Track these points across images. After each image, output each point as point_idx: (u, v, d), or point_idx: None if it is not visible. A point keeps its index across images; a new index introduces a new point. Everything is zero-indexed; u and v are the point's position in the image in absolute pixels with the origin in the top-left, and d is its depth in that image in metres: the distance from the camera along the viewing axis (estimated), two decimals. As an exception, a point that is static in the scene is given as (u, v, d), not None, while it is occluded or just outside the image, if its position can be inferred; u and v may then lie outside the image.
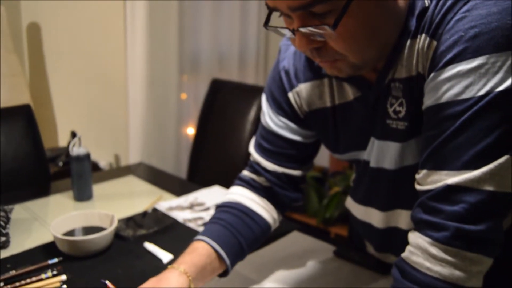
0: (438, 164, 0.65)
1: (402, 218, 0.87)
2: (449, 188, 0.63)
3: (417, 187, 0.70)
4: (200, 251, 0.88)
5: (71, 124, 2.46)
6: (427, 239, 0.66)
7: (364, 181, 0.91)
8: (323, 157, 3.03)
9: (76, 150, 1.42)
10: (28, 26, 2.38)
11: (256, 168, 0.99)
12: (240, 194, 1.00)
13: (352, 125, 0.87)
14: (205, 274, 0.87)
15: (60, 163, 2.30)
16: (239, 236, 0.93)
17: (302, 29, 0.67)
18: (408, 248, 0.69)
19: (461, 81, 0.62)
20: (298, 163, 0.98)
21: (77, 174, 1.42)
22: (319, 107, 0.90)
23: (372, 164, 0.85)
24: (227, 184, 1.58)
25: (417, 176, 0.70)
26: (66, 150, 2.36)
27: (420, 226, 0.68)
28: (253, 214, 0.97)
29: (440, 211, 0.64)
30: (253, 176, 1.01)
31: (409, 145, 0.78)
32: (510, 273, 0.99)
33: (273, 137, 0.96)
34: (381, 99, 0.79)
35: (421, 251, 0.66)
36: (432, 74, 0.66)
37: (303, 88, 0.90)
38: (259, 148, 0.99)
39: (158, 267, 1.07)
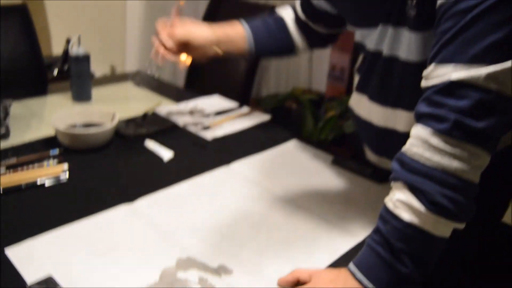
0: (446, 57, 0.65)
1: (401, 119, 0.89)
2: (454, 84, 0.64)
3: (423, 83, 0.70)
4: (233, 25, 1.15)
5: (66, 32, 2.39)
6: (429, 129, 0.66)
7: (375, 75, 0.92)
8: (321, 82, 3.01)
9: (75, 50, 1.39)
10: None
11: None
12: (286, 14, 1.19)
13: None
14: (230, 40, 1.15)
15: (55, 72, 2.25)
16: (270, 34, 1.16)
17: None
18: (409, 140, 0.70)
19: None
20: (331, 25, 1.15)
21: (76, 74, 1.40)
22: None
23: (386, 52, 0.86)
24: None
25: (424, 72, 0.70)
26: (61, 57, 2.30)
27: (422, 118, 0.68)
28: (288, 31, 1.17)
29: (444, 104, 0.65)
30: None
31: (422, 39, 0.78)
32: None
33: (307, 4, 1.13)
34: None
35: (421, 141, 0.67)
36: None
37: None
38: (301, 8, 1.16)
39: (159, 163, 1.08)
